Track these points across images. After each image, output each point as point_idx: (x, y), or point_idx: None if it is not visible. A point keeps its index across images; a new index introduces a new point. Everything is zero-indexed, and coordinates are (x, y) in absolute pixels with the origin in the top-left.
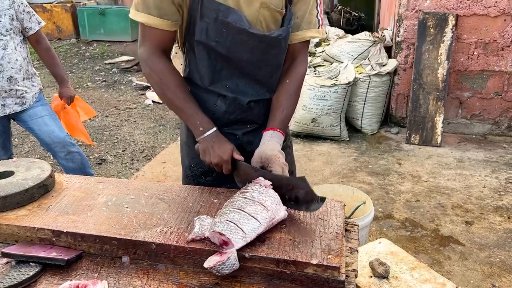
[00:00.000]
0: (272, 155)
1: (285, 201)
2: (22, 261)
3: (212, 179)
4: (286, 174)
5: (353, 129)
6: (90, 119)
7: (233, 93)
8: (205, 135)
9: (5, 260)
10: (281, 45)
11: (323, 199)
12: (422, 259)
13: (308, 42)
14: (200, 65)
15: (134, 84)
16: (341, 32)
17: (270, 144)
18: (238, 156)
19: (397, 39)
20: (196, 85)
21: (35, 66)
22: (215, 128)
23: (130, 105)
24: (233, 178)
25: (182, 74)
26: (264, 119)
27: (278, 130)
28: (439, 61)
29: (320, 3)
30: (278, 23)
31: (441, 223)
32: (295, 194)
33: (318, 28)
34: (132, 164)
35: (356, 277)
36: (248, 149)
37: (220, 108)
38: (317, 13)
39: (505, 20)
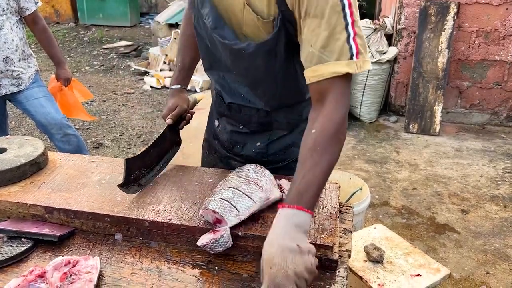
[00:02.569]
0: (265, 259)
1: None
2: (14, 236)
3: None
4: None
5: (351, 117)
6: (87, 102)
7: (221, 87)
8: (170, 88)
9: None
10: (253, 61)
11: None
12: (417, 246)
13: (339, 78)
14: (200, 49)
15: (133, 69)
16: None
17: (274, 231)
18: (168, 120)
19: (398, 26)
20: None
21: (32, 49)
22: (178, 86)
23: (128, 90)
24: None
25: None
26: (261, 128)
27: (291, 206)
28: (439, 49)
29: (353, 20)
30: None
31: (437, 211)
32: None
33: (351, 59)
34: (129, 148)
35: (349, 257)
36: (237, 150)
37: (214, 95)
38: (347, 37)
39: (507, 9)
